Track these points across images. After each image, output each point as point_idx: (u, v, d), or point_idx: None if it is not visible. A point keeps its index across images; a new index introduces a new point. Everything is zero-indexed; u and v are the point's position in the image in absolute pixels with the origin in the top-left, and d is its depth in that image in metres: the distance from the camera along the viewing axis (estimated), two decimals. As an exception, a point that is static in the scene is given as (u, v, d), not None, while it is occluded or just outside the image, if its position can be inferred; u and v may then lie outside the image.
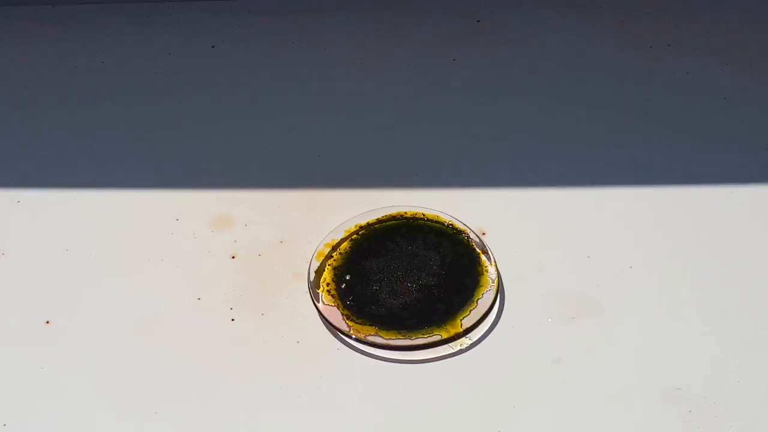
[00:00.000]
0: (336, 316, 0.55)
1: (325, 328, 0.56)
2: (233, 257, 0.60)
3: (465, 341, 0.54)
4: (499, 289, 0.57)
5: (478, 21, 0.77)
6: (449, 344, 0.54)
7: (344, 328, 0.55)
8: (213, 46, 0.76)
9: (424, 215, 0.60)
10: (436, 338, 0.54)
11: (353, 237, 0.59)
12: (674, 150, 0.65)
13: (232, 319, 0.57)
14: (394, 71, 0.73)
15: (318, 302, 0.56)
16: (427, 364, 0.54)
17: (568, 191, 0.63)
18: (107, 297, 0.58)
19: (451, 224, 0.59)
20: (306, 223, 0.62)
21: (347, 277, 0.57)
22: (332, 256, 0.58)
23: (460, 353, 0.54)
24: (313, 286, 0.57)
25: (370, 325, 0.55)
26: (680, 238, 0.60)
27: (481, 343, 0.55)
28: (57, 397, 0.53)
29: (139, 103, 0.71)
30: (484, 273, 0.57)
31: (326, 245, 0.59)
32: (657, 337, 0.54)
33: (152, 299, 0.58)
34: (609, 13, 0.77)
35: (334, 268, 0.58)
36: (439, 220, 0.60)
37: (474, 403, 0.52)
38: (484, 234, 0.60)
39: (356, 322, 0.55)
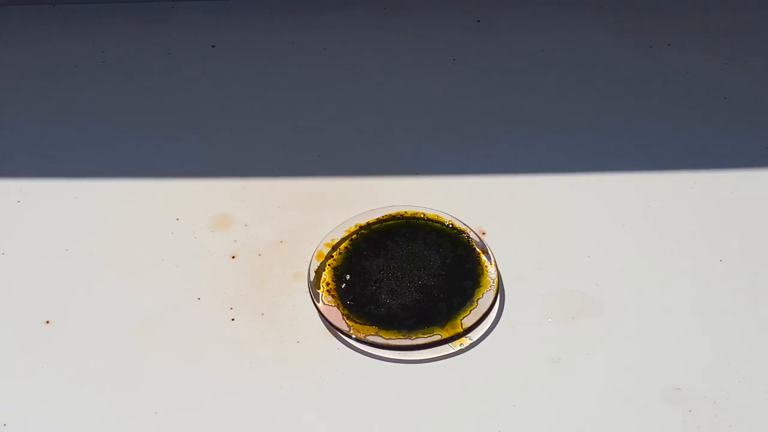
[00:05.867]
0: (336, 316, 0.55)
1: (325, 328, 0.56)
2: (233, 257, 0.60)
3: (465, 341, 0.54)
4: (499, 289, 0.57)
5: (478, 21, 0.77)
6: (449, 344, 0.54)
7: (344, 327, 0.55)
8: (213, 46, 0.76)
9: (424, 215, 0.60)
10: (436, 338, 0.54)
11: (353, 237, 0.59)
12: (675, 150, 0.65)
13: (232, 319, 0.57)
14: (394, 71, 0.73)
15: (318, 302, 0.56)
16: (427, 364, 0.54)
17: (569, 191, 0.63)
18: (107, 297, 0.58)
19: (451, 224, 0.59)
20: (306, 223, 0.62)
21: (347, 277, 0.57)
22: (332, 256, 0.58)
23: (460, 353, 0.54)
24: (313, 286, 0.57)
25: (370, 324, 0.55)
26: (680, 238, 0.60)
27: (481, 343, 0.55)
28: (57, 397, 0.53)
29: (139, 102, 0.72)
30: (484, 273, 0.57)
31: (326, 245, 0.59)
32: (657, 337, 0.54)
33: (152, 299, 0.58)
34: (609, 13, 0.77)
35: (334, 268, 0.58)
36: (439, 219, 0.60)
37: (474, 403, 0.52)
38: (484, 234, 0.60)
39: (356, 322, 0.55)
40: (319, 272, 0.57)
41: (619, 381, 0.52)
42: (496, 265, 0.57)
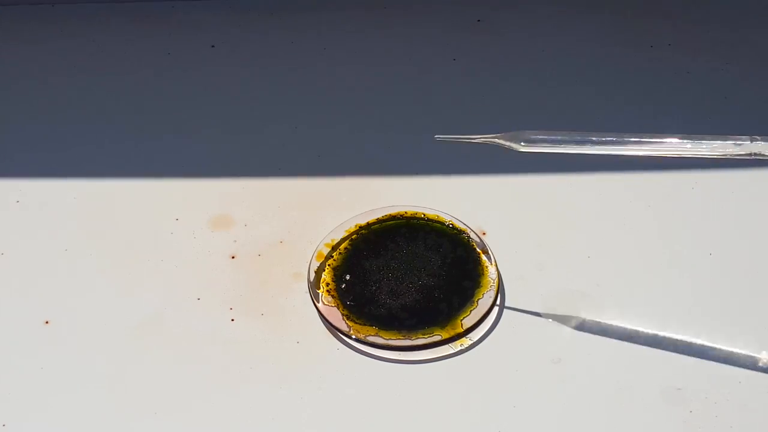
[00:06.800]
0: (336, 316, 0.55)
1: (325, 328, 0.56)
2: (233, 257, 0.60)
3: (465, 341, 0.54)
4: (500, 290, 0.57)
5: (478, 21, 0.77)
6: (449, 344, 0.54)
7: (344, 328, 0.55)
8: (213, 46, 0.76)
9: (424, 215, 0.60)
10: (436, 338, 0.54)
11: (353, 237, 0.59)
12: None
13: (232, 319, 0.57)
14: (394, 71, 0.73)
15: (318, 302, 0.56)
16: (427, 364, 0.54)
17: (569, 191, 0.63)
18: (107, 297, 0.58)
19: (451, 224, 0.59)
20: (306, 223, 0.62)
21: (347, 277, 0.57)
22: (332, 256, 0.58)
23: (460, 353, 0.54)
24: (313, 286, 0.57)
25: (370, 325, 0.55)
26: (681, 238, 0.60)
27: (481, 343, 0.55)
28: (56, 397, 0.53)
29: (138, 102, 0.72)
30: (485, 273, 0.57)
31: (326, 245, 0.59)
32: (657, 337, 0.54)
33: (152, 299, 0.58)
34: (609, 13, 0.77)
35: (334, 268, 0.58)
36: (439, 219, 0.60)
37: (474, 403, 0.52)
38: (484, 234, 0.60)
39: (356, 322, 0.55)
40: (319, 272, 0.57)
41: (619, 381, 0.52)
42: (496, 266, 0.57)
